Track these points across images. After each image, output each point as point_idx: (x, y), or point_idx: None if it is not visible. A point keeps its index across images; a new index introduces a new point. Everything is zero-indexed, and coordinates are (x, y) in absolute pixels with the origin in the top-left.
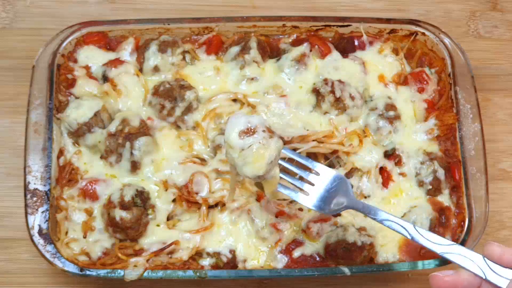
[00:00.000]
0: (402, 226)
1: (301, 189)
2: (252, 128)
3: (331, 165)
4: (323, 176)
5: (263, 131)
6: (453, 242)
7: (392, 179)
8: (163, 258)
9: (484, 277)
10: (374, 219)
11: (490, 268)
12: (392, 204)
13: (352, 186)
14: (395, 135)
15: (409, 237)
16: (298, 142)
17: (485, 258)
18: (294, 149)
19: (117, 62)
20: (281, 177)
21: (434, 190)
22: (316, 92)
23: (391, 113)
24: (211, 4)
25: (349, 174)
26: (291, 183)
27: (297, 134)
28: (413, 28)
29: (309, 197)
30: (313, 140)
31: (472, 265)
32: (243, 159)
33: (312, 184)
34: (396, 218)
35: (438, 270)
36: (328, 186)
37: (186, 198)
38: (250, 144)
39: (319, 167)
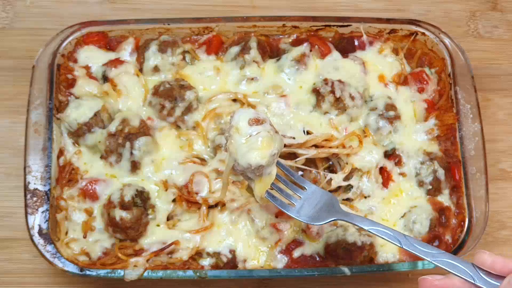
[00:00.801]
0: (392, 235)
1: (289, 201)
2: (260, 119)
3: (331, 167)
4: (310, 192)
5: (270, 124)
6: (443, 251)
7: (392, 179)
8: (163, 258)
9: (474, 282)
10: (363, 228)
11: (480, 274)
12: (392, 204)
13: (352, 187)
14: (395, 135)
15: (399, 245)
16: (297, 147)
17: (475, 266)
18: (295, 154)
19: (117, 62)
20: (271, 187)
21: (434, 190)
22: (316, 92)
23: (391, 113)
24: (211, 4)
25: (349, 175)
26: (280, 195)
27: (296, 142)
28: (413, 28)
29: (295, 208)
30: (313, 145)
31: (462, 271)
32: (249, 145)
33: (300, 198)
34: (386, 227)
35: (436, 270)
36: (315, 201)
37: (186, 198)
38: (258, 131)
39: (308, 184)
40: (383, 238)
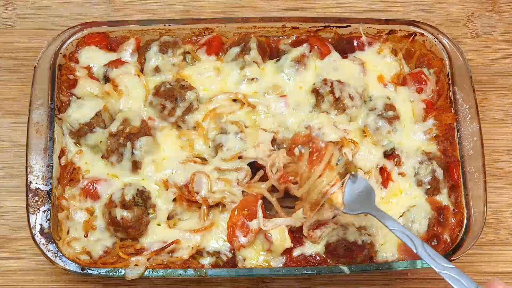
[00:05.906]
0: (411, 239)
1: None
2: None
3: None
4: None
5: None
6: (453, 266)
7: (391, 179)
8: (164, 257)
9: None
10: (387, 227)
11: None
12: (392, 204)
13: None
14: (394, 135)
15: (415, 250)
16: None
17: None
18: None
19: (118, 63)
20: None
21: (432, 190)
22: (315, 92)
23: (390, 113)
24: (211, 5)
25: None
26: None
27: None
28: (412, 28)
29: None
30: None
31: None
32: None
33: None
34: (407, 231)
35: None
36: (357, 189)
37: (187, 197)
38: None
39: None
40: (399, 238)
